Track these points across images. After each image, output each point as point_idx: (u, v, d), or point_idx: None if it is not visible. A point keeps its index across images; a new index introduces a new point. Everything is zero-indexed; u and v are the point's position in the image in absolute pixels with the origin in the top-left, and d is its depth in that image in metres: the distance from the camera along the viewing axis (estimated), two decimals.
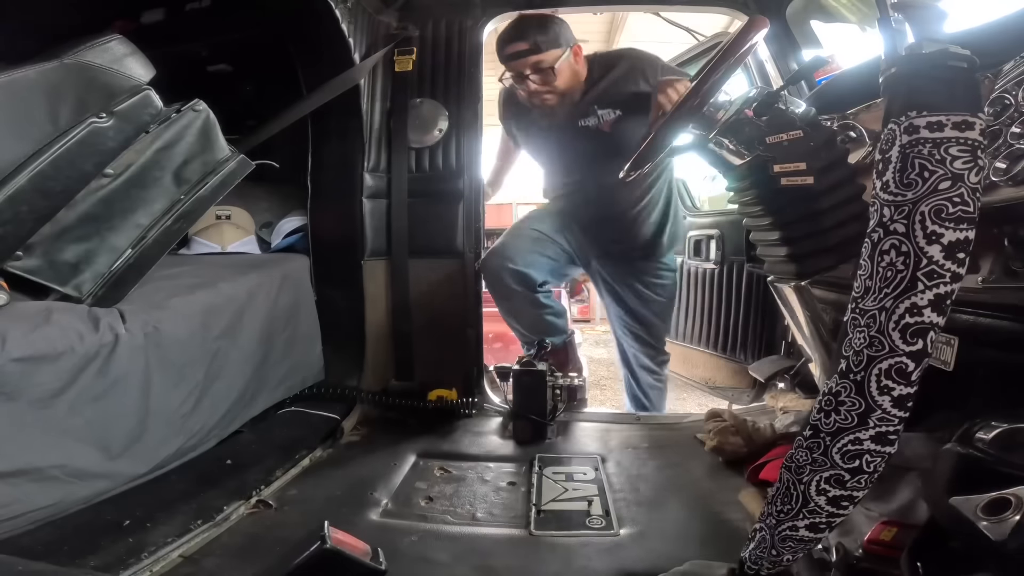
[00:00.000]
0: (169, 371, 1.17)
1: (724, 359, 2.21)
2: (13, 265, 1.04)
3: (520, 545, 1.08)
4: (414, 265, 1.78)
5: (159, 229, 1.22)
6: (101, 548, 0.94)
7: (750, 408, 1.85)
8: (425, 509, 1.21)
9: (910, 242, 0.59)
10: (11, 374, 0.90)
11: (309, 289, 1.65)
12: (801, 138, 1.01)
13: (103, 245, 1.14)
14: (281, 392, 1.54)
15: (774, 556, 0.71)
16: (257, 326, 1.42)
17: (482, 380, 1.87)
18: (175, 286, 1.27)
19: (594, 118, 1.71)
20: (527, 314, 1.85)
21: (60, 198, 1.07)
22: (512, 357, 1.69)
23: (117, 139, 1.12)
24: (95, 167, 1.10)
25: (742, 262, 2.10)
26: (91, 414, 1.02)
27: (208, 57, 1.83)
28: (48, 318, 0.99)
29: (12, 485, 0.91)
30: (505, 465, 1.44)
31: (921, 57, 0.62)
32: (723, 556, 0.86)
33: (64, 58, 1.03)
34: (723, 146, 1.10)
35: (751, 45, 1.06)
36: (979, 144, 0.60)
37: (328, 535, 0.64)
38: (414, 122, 1.76)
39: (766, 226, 1.13)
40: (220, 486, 1.19)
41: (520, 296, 1.80)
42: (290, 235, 1.74)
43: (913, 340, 0.60)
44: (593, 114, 1.71)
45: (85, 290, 1.12)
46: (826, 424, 0.64)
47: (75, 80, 1.05)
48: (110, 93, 1.10)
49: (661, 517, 1.17)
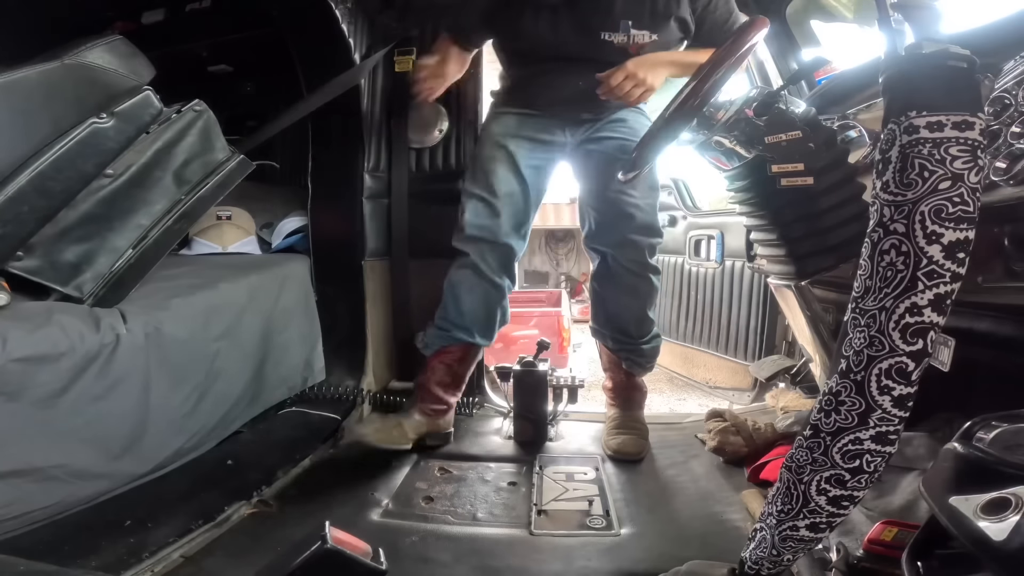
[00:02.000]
0: (170, 371, 1.17)
1: (725, 359, 2.21)
2: (14, 265, 1.05)
3: (521, 545, 1.08)
4: (414, 265, 1.78)
5: (160, 229, 1.22)
6: (102, 548, 0.94)
7: (751, 408, 1.85)
8: (426, 509, 1.21)
9: (910, 242, 0.59)
10: (12, 374, 0.90)
11: (309, 289, 1.65)
12: (800, 138, 1.01)
13: (104, 245, 1.14)
14: (282, 392, 1.54)
15: (775, 556, 0.71)
16: (257, 326, 1.42)
17: (483, 380, 1.87)
18: (176, 286, 1.27)
19: (623, 34, 1.35)
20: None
21: (61, 198, 1.07)
22: (512, 357, 1.69)
23: (118, 139, 1.13)
24: (96, 167, 1.11)
25: (742, 262, 2.10)
26: (92, 414, 1.02)
27: (208, 57, 1.83)
28: (49, 318, 0.99)
29: (13, 485, 0.91)
30: (506, 465, 1.44)
31: (921, 57, 0.62)
32: (724, 556, 0.86)
33: (65, 59, 1.03)
34: (723, 146, 1.10)
35: (751, 45, 1.06)
36: (979, 144, 0.60)
37: (328, 535, 0.64)
38: (414, 122, 1.76)
39: (766, 226, 1.13)
40: (221, 486, 1.19)
41: None
42: (290, 235, 1.74)
43: (913, 340, 0.60)
44: (623, 29, 1.35)
45: (86, 290, 1.13)
46: (826, 424, 0.64)
47: (76, 81, 1.05)
48: (111, 94, 1.11)
49: (661, 517, 1.17)
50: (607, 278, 1.54)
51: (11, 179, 0.99)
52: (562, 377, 1.71)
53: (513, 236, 1.48)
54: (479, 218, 1.46)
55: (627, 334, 1.56)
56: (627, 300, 1.53)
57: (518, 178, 1.48)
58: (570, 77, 1.41)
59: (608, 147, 1.47)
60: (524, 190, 1.49)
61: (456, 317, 1.49)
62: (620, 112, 1.49)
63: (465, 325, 1.49)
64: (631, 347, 1.57)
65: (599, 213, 1.49)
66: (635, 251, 1.47)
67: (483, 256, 1.46)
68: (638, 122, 1.50)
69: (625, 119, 1.50)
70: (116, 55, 1.10)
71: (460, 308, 1.48)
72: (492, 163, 1.48)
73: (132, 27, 1.70)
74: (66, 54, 1.04)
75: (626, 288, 1.51)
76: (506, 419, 1.72)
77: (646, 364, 1.61)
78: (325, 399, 1.67)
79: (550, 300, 5.05)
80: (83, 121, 1.07)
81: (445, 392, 1.52)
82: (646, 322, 1.55)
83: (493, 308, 1.51)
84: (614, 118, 1.49)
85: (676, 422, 1.75)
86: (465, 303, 1.48)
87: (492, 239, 1.46)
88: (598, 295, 1.60)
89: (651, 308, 1.55)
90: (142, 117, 1.16)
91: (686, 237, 2.43)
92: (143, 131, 1.17)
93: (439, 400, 1.51)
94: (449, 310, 1.49)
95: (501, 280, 1.50)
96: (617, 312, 1.56)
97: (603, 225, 1.49)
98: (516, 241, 1.49)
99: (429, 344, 1.53)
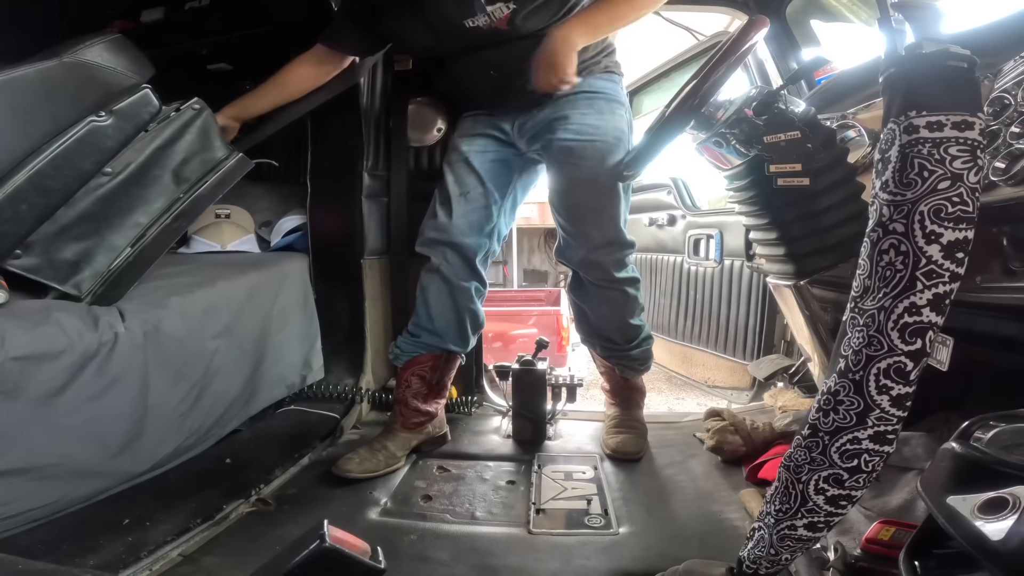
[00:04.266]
0: (168, 370, 1.17)
1: (723, 358, 2.21)
2: (12, 264, 1.04)
3: (519, 544, 1.08)
4: (413, 264, 1.78)
5: (158, 228, 1.22)
6: (100, 547, 0.94)
7: (749, 407, 1.85)
8: (424, 508, 1.21)
9: (909, 242, 0.59)
10: (11, 372, 0.90)
11: (308, 288, 1.65)
12: (799, 139, 1.01)
13: (102, 244, 1.14)
14: (280, 391, 1.54)
15: (773, 555, 0.71)
16: (256, 325, 1.42)
17: (481, 379, 1.87)
18: (174, 285, 1.27)
19: (482, 15, 1.24)
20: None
21: (59, 197, 1.07)
22: (511, 356, 1.69)
23: (116, 138, 1.12)
24: (94, 166, 1.10)
25: (742, 262, 2.10)
26: (90, 412, 1.02)
27: (208, 56, 1.82)
28: (48, 317, 0.99)
29: (11, 483, 0.91)
30: (504, 464, 1.44)
31: (921, 57, 0.62)
32: (722, 555, 0.86)
33: (63, 56, 1.03)
34: (722, 145, 1.10)
35: (751, 45, 1.06)
36: (978, 144, 0.60)
37: (327, 533, 0.64)
38: (413, 121, 1.75)
39: (765, 226, 1.13)
40: (219, 485, 1.19)
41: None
42: (289, 234, 1.74)
43: (912, 339, 0.60)
44: (479, 9, 1.23)
45: (84, 288, 1.12)
46: (825, 423, 0.65)
47: (74, 79, 1.05)
48: (109, 92, 1.10)
49: (660, 516, 1.17)
50: (581, 291, 1.51)
51: (9, 177, 0.99)
52: (561, 376, 1.71)
53: (472, 235, 1.42)
54: (434, 219, 1.43)
55: (613, 342, 1.52)
56: (605, 311, 1.49)
57: (474, 177, 1.43)
58: (482, 70, 1.35)
59: (556, 152, 1.37)
60: (483, 189, 1.43)
61: (427, 322, 1.45)
62: (574, 96, 1.35)
63: (436, 330, 1.45)
64: (620, 354, 1.54)
65: (562, 228, 1.44)
66: (599, 270, 1.42)
67: (444, 258, 1.42)
68: (594, 111, 1.36)
69: (568, 115, 1.35)
70: (115, 53, 1.10)
71: (430, 312, 1.44)
72: (448, 166, 1.46)
73: (131, 26, 1.69)
74: (65, 52, 1.03)
75: (601, 301, 1.47)
76: (505, 418, 1.72)
77: (639, 367, 1.58)
78: (324, 397, 1.66)
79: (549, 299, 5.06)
80: (82, 119, 1.06)
81: (425, 403, 1.47)
82: (630, 329, 1.50)
83: (462, 312, 1.46)
84: (562, 114, 1.36)
85: (674, 421, 1.75)
86: (434, 307, 1.44)
87: (447, 240, 1.41)
88: (577, 307, 1.57)
89: (633, 317, 1.49)
90: (141, 115, 1.15)
91: (685, 236, 2.43)
92: (142, 129, 1.16)
93: (420, 412, 1.46)
94: (420, 315, 1.45)
95: (467, 282, 1.44)
96: (598, 323, 1.52)
97: (567, 241, 1.44)
98: (475, 240, 1.43)
99: (400, 354, 1.48)
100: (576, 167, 1.36)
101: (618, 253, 1.41)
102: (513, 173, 1.49)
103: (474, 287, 1.46)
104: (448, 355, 1.49)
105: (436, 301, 1.44)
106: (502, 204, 1.48)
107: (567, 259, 1.48)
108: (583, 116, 1.36)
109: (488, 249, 1.47)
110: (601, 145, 1.35)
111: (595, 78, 1.38)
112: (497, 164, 1.46)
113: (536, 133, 1.41)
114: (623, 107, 1.42)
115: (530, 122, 1.41)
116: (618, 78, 1.44)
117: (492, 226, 1.46)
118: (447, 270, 1.42)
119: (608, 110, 1.38)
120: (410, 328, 1.48)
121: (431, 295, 1.44)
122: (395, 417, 1.47)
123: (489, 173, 1.44)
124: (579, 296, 1.53)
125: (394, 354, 1.50)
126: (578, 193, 1.38)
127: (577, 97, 1.36)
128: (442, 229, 1.42)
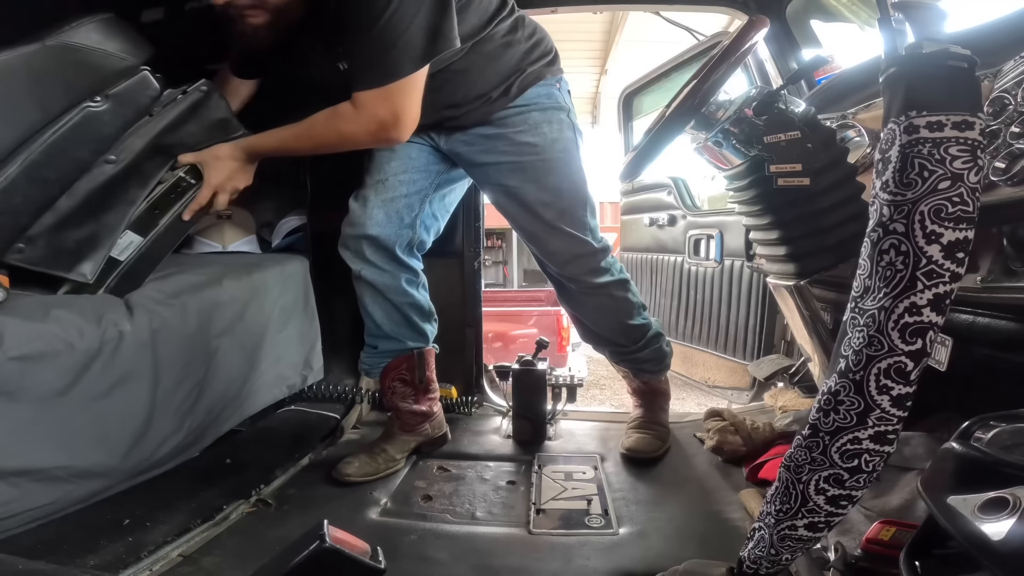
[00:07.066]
0: (170, 368, 1.16)
1: (724, 358, 2.21)
2: (15, 258, 1.02)
3: (519, 544, 1.08)
4: None
5: (171, 217, 1.18)
6: (101, 547, 0.94)
7: (749, 407, 1.85)
8: (424, 508, 1.21)
9: (909, 242, 0.59)
10: (10, 372, 0.89)
11: (309, 288, 1.65)
12: (799, 139, 1.02)
13: (109, 232, 1.10)
14: (281, 391, 1.53)
15: (773, 555, 0.71)
16: (258, 325, 1.42)
17: (482, 379, 1.87)
18: (178, 283, 1.26)
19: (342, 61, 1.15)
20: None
21: (57, 187, 1.03)
22: (512, 356, 1.69)
23: (115, 123, 1.07)
24: (92, 154, 1.06)
25: (742, 262, 2.10)
26: (95, 412, 1.01)
27: (208, 56, 1.82)
28: (46, 315, 0.97)
29: (13, 484, 0.91)
30: (504, 464, 1.44)
31: (921, 57, 0.62)
32: (722, 555, 0.86)
33: (47, 40, 0.96)
34: (722, 145, 1.10)
35: (751, 45, 1.06)
36: (979, 144, 0.60)
37: (327, 534, 0.64)
38: None
39: (765, 225, 1.13)
40: (220, 485, 1.19)
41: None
42: (290, 235, 1.74)
43: (912, 339, 0.60)
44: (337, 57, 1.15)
45: (90, 274, 1.09)
46: (825, 423, 0.64)
47: (61, 63, 0.98)
48: (103, 75, 1.03)
49: (660, 516, 1.17)
50: (570, 299, 1.47)
51: (1, 170, 0.96)
52: (561, 376, 1.71)
53: (389, 226, 1.31)
54: (348, 214, 1.35)
55: (619, 344, 1.48)
56: (598, 316, 1.45)
57: (395, 162, 1.31)
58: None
59: (494, 178, 1.31)
60: (405, 176, 1.31)
61: (376, 330, 1.41)
62: (503, 114, 1.26)
63: (388, 335, 1.40)
64: (630, 356, 1.49)
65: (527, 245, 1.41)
66: (575, 281, 1.38)
67: (363, 256, 1.33)
68: (528, 127, 1.26)
69: (501, 134, 1.26)
70: (105, 34, 1.02)
71: (375, 320, 1.39)
72: (368, 153, 1.35)
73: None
74: (49, 35, 0.97)
75: (591, 307, 1.43)
76: (505, 418, 1.72)
77: (653, 368, 1.51)
78: (324, 398, 1.66)
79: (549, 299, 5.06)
80: (75, 106, 1.01)
81: (417, 403, 1.44)
82: (632, 330, 1.44)
83: (403, 309, 1.39)
84: (492, 133, 1.26)
85: (675, 421, 1.75)
86: (375, 315, 1.39)
87: (362, 233, 1.31)
88: (570, 313, 1.53)
89: (631, 318, 1.43)
90: (140, 99, 1.09)
91: (685, 236, 2.43)
92: (143, 114, 1.11)
93: (415, 413, 1.44)
94: (368, 326, 1.42)
95: (395, 278, 1.35)
96: (596, 328, 1.48)
97: (536, 257, 1.42)
98: (394, 230, 1.32)
99: (369, 369, 1.45)
100: (520, 192, 1.29)
101: (590, 262, 1.36)
102: (443, 162, 1.37)
103: (405, 279, 1.37)
104: (417, 352, 1.43)
105: (374, 309, 1.39)
106: (430, 193, 1.37)
107: (544, 272, 1.47)
108: (519, 135, 1.26)
109: (411, 239, 1.37)
110: (542, 164, 1.27)
111: (527, 90, 1.26)
112: (425, 150, 1.34)
113: (464, 154, 1.31)
114: (563, 111, 1.31)
115: (459, 142, 1.30)
116: (553, 80, 1.30)
117: (415, 216, 1.35)
118: (370, 273, 1.35)
119: (544, 121, 1.27)
120: (367, 340, 1.45)
121: (367, 304, 1.39)
122: (392, 420, 1.46)
123: (414, 161, 1.32)
124: (569, 304, 1.49)
125: (364, 370, 1.48)
126: (527, 219, 1.32)
127: (507, 114, 1.26)
128: (356, 223, 1.32)
